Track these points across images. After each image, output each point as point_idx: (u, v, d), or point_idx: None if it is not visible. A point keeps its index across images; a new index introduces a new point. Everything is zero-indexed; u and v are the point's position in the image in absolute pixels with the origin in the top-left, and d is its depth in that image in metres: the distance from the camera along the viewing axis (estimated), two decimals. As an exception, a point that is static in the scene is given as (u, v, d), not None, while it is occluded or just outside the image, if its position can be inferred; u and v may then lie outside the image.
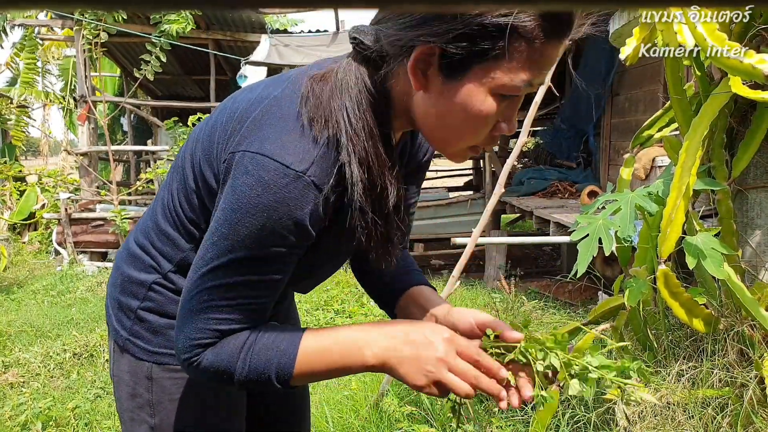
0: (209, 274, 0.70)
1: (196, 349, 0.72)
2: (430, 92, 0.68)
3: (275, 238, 0.68)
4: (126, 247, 0.93)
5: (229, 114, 0.76)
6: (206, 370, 0.72)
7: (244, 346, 0.71)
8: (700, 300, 1.55)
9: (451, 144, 0.73)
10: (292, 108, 0.70)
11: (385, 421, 2.01)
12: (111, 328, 0.92)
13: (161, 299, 0.87)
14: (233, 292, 0.70)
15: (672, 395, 1.53)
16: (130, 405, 0.90)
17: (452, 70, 0.65)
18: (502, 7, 0.74)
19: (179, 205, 0.82)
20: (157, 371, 0.88)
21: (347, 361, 0.71)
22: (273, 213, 0.66)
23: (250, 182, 0.67)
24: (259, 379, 0.71)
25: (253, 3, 0.21)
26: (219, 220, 0.70)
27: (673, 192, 1.47)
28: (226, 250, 0.69)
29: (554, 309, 3.75)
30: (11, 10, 0.20)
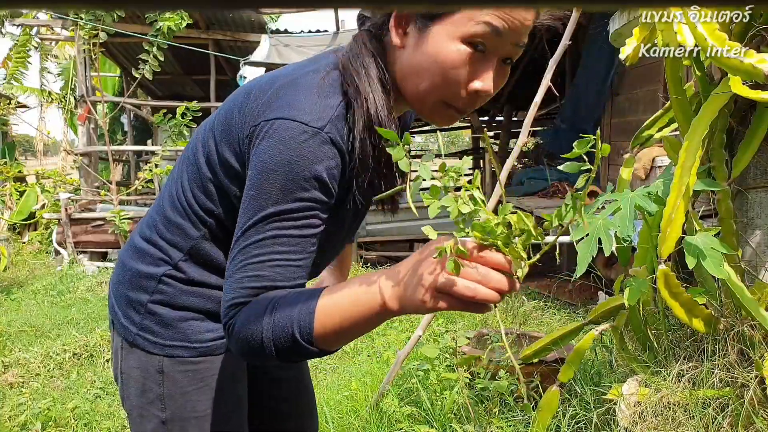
0: (242, 237, 0.73)
1: (231, 310, 0.72)
2: (408, 47, 0.75)
3: (299, 191, 0.71)
4: (131, 244, 0.94)
5: (243, 98, 0.80)
6: (239, 333, 0.71)
7: (270, 303, 0.70)
8: (700, 300, 1.55)
9: (425, 99, 0.77)
10: (309, 80, 0.76)
11: (385, 422, 2.01)
12: (118, 326, 0.92)
13: (172, 291, 0.88)
14: (263, 248, 0.72)
15: (672, 395, 1.53)
16: (139, 401, 0.91)
17: (424, 19, 0.72)
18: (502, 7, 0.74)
19: (192, 196, 0.85)
20: (168, 365, 0.89)
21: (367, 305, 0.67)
22: (294, 166, 0.71)
23: (271, 143, 0.72)
24: (283, 336, 0.68)
25: (253, 3, 0.21)
26: (248, 187, 0.74)
27: (673, 192, 1.46)
28: (255, 210, 0.72)
29: (554, 309, 3.75)
30: (11, 9, 0.20)
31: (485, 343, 2.33)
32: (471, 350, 2.25)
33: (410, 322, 3.43)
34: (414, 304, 0.65)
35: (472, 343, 2.41)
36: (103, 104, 6.11)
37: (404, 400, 2.11)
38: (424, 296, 0.63)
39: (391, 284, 0.67)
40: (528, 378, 2.07)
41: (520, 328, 2.65)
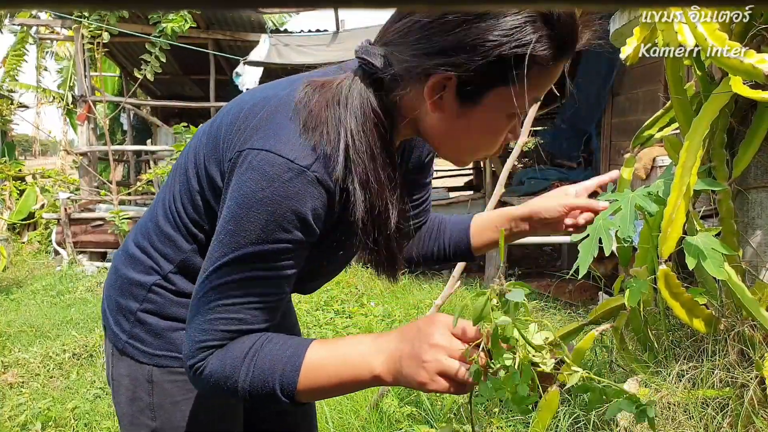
0: (216, 273, 0.69)
1: (202, 352, 0.70)
2: (445, 113, 0.69)
3: (280, 232, 0.67)
4: (124, 249, 0.92)
5: (234, 114, 0.76)
6: (210, 377, 0.70)
7: (250, 351, 0.68)
8: (701, 300, 1.55)
9: (464, 158, 0.78)
10: (298, 110, 0.71)
11: (385, 422, 2.00)
12: (109, 332, 0.91)
13: (161, 301, 0.86)
14: (240, 290, 0.69)
15: (672, 395, 1.53)
16: (129, 409, 0.89)
17: (469, 96, 0.67)
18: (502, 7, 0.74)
19: (182, 206, 0.82)
20: (157, 374, 0.87)
21: (355, 371, 0.68)
22: (277, 207, 0.67)
23: (254, 177, 0.67)
24: (263, 388, 0.68)
25: (253, 3, 0.21)
26: (225, 218, 0.70)
27: (674, 192, 1.46)
28: (232, 248, 0.68)
29: (554, 309, 3.75)
30: (11, 10, 0.20)
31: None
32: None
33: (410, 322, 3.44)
34: (410, 381, 0.65)
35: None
36: (104, 104, 6.11)
37: (404, 400, 2.11)
38: (424, 378, 0.64)
39: (386, 356, 0.67)
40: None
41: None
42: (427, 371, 0.64)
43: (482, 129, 0.71)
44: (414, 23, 0.65)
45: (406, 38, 0.66)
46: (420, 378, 0.64)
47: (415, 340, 0.66)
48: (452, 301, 3.55)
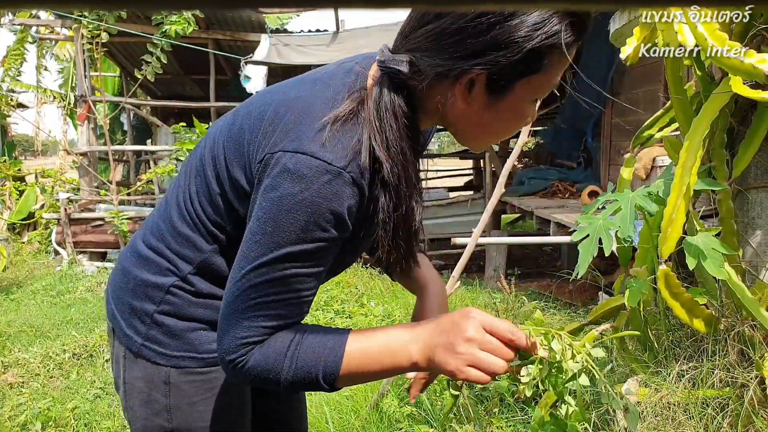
0: (254, 272, 0.71)
1: (244, 348, 0.72)
2: (474, 106, 0.73)
3: (318, 232, 0.70)
4: (134, 251, 0.90)
5: (257, 117, 0.77)
6: (252, 370, 0.72)
7: (291, 345, 0.72)
8: (701, 300, 1.55)
9: (486, 144, 0.82)
10: (326, 108, 0.72)
11: (385, 422, 2.00)
12: (121, 335, 0.89)
13: (180, 302, 0.86)
14: (279, 287, 0.71)
15: (672, 395, 1.53)
16: (144, 412, 0.88)
17: (499, 89, 0.71)
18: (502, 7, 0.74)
19: (200, 207, 0.83)
20: (175, 375, 0.87)
21: (394, 360, 0.72)
22: (316, 208, 0.69)
23: (292, 179, 0.69)
24: (306, 378, 0.72)
25: (253, 3, 0.21)
26: (261, 219, 0.71)
27: (674, 192, 1.46)
28: (271, 247, 0.70)
29: (555, 309, 3.75)
30: (11, 9, 0.20)
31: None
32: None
33: (410, 322, 3.44)
34: (442, 369, 0.71)
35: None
36: (104, 104, 6.11)
37: (404, 400, 2.11)
38: (454, 367, 0.70)
39: (423, 345, 0.72)
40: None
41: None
42: (460, 362, 0.70)
43: (510, 116, 0.75)
44: (443, 29, 0.68)
45: (436, 43, 0.69)
46: (451, 367, 0.70)
47: (451, 333, 0.71)
48: (452, 300, 3.55)
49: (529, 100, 0.73)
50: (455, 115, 0.75)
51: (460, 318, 0.71)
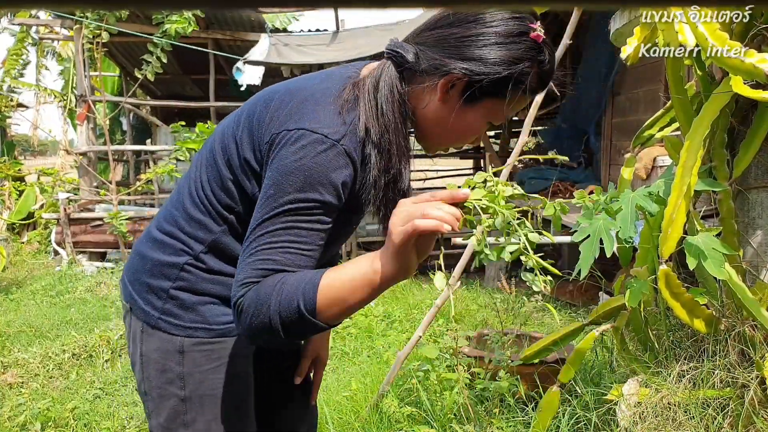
0: (259, 227, 0.82)
1: (242, 288, 0.81)
2: (446, 106, 0.87)
3: (313, 193, 0.82)
4: (150, 237, 1.01)
5: (264, 104, 0.90)
6: (248, 309, 0.80)
7: (277, 282, 0.80)
8: (701, 300, 1.54)
9: (440, 147, 0.97)
10: (327, 97, 0.86)
11: (385, 422, 2.00)
12: (138, 312, 0.98)
13: (193, 278, 0.96)
14: (276, 236, 0.81)
15: (673, 396, 1.53)
16: (159, 381, 0.97)
17: (470, 98, 0.86)
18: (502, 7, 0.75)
19: (212, 193, 0.94)
20: (188, 345, 0.96)
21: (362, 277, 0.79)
22: (312, 172, 0.81)
23: (293, 150, 0.82)
24: (289, 308, 0.78)
25: (253, 3, 0.21)
26: (267, 186, 0.83)
27: (674, 192, 1.46)
28: (273, 206, 0.82)
29: (555, 309, 3.75)
30: (11, 9, 0.20)
31: (485, 343, 2.33)
32: (471, 351, 2.24)
33: (410, 322, 3.43)
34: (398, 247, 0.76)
35: (472, 343, 2.41)
36: (104, 104, 6.11)
37: (404, 401, 2.11)
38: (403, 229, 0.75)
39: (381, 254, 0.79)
40: (528, 378, 2.06)
41: (521, 329, 2.65)
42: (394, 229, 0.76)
43: (469, 127, 0.90)
44: (450, 34, 0.84)
45: (442, 44, 0.85)
46: (392, 238, 0.76)
47: (391, 222, 0.78)
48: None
49: (485, 120, 0.90)
50: (428, 110, 0.89)
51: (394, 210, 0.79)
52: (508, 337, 2.28)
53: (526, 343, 2.37)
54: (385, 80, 0.86)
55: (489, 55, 0.83)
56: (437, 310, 2.11)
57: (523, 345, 2.36)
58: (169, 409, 0.97)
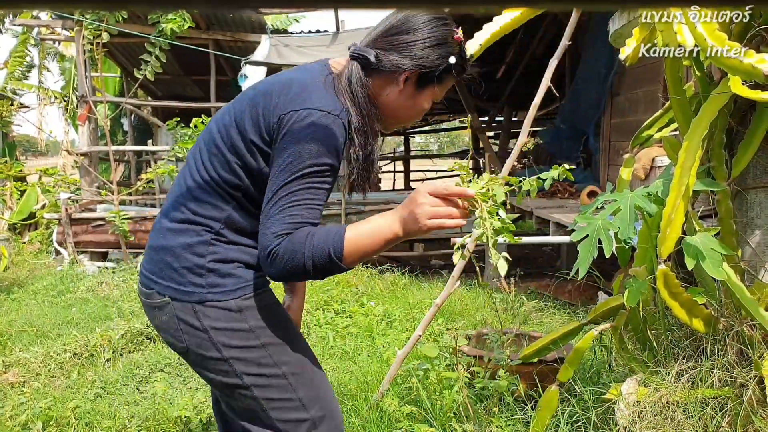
0: (283, 188, 1.01)
1: (276, 238, 1.00)
2: (404, 93, 1.14)
3: (325, 158, 1.02)
4: (164, 230, 1.13)
5: (265, 95, 1.08)
6: (283, 256, 0.99)
7: (308, 234, 1.00)
8: (700, 300, 1.55)
9: (399, 124, 1.24)
10: (318, 84, 1.08)
11: (385, 421, 2.01)
12: (183, 297, 1.09)
13: (221, 249, 1.11)
14: (299, 196, 1.01)
15: (672, 395, 1.53)
16: (235, 342, 1.09)
17: (422, 85, 1.15)
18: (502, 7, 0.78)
19: (218, 176, 1.10)
20: (241, 303, 1.11)
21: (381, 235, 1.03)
22: (322, 141, 1.02)
23: (304, 125, 1.02)
24: (321, 254, 0.99)
25: (253, 3, 0.22)
26: (284, 156, 1.02)
27: (673, 192, 1.47)
28: (293, 171, 1.01)
29: (554, 309, 3.75)
30: (11, 9, 0.20)
31: (485, 342, 2.33)
32: (471, 350, 2.25)
33: (410, 322, 3.44)
34: (415, 231, 1.03)
35: (472, 342, 2.41)
36: (104, 105, 6.12)
37: (404, 400, 2.12)
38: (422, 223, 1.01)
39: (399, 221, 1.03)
40: (527, 377, 2.07)
41: (520, 328, 2.65)
42: (421, 218, 1.01)
43: (419, 107, 1.18)
44: (404, 40, 1.10)
45: (397, 48, 1.11)
46: (418, 225, 1.01)
47: (410, 206, 1.02)
48: (452, 300, 3.55)
49: (430, 100, 1.18)
50: (389, 97, 1.14)
51: (414, 194, 1.03)
52: (507, 336, 2.29)
53: (525, 343, 2.37)
54: (355, 77, 1.09)
55: (432, 54, 1.10)
56: (437, 310, 2.12)
57: (522, 344, 2.36)
58: (257, 359, 1.11)
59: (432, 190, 1.02)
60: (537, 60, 7.82)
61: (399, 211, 1.04)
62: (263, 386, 1.11)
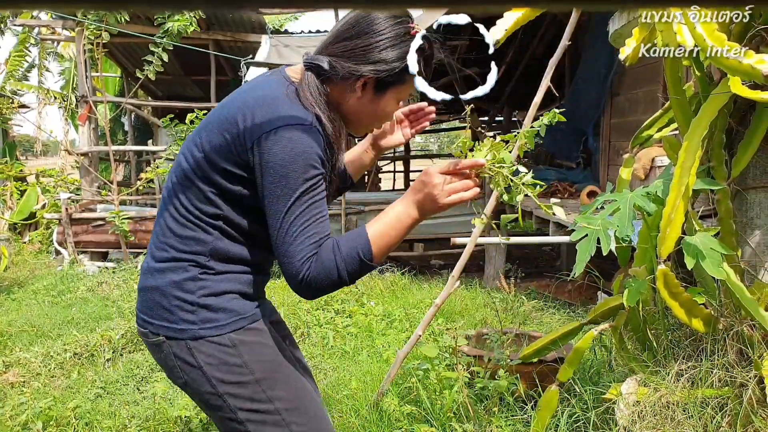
0: (287, 215, 1.00)
1: (306, 263, 1.00)
2: (364, 99, 1.12)
3: (313, 170, 1.02)
4: (151, 270, 1.11)
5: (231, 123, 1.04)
6: (317, 277, 1.00)
7: (333, 248, 1.01)
8: (700, 300, 1.55)
9: (367, 128, 1.23)
10: (281, 97, 1.05)
11: (385, 421, 2.01)
12: (176, 335, 1.07)
13: (210, 284, 1.08)
14: (308, 215, 1.01)
15: (671, 395, 1.53)
16: (229, 377, 1.07)
17: (382, 89, 1.11)
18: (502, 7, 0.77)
19: (196, 209, 1.08)
20: (235, 337, 1.08)
21: (402, 224, 1.05)
22: (305, 155, 1.00)
23: (282, 144, 1.00)
24: (353, 262, 1.01)
25: (253, 3, 0.22)
26: (274, 181, 1.00)
27: (673, 192, 1.47)
28: (290, 193, 1.00)
29: (554, 309, 3.75)
30: (11, 10, 0.20)
31: (485, 342, 2.34)
32: (471, 350, 2.25)
33: (410, 322, 3.44)
34: (435, 210, 1.05)
35: (472, 342, 2.41)
36: (105, 105, 6.12)
37: (404, 399, 2.12)
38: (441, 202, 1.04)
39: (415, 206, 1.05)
40: (527, 377, 2.07)
41: (520, 328, 2.65)
42: (440, 198, 1.03)
43: (385, 110, 1.15)
44: (357, 45, 1.07)
45: (352, 54, 1.08)
46: (438, 204, 1.04)
47: (425, 189, 1.04)
48: (452, 300, 3.55)
49: (395, 102, 1.15)
50: (350, 104, 1.12)
51: (424, 177, 1.05)
52: (507, 336, 2.29)
53: (525, 342, 2.38)
54: (313, 88, 1.08)
55: (388, 56, 1.08)
56: (437, 310, 2.12)
57: (522, 344, 2.36)
58: (251, 395, 1.09)
59: (442, 168, 1.04)
60: (537, 60, 7.81)
61: (412, 195, 1.05)
62: (257, 422, 1.10)
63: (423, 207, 1.04)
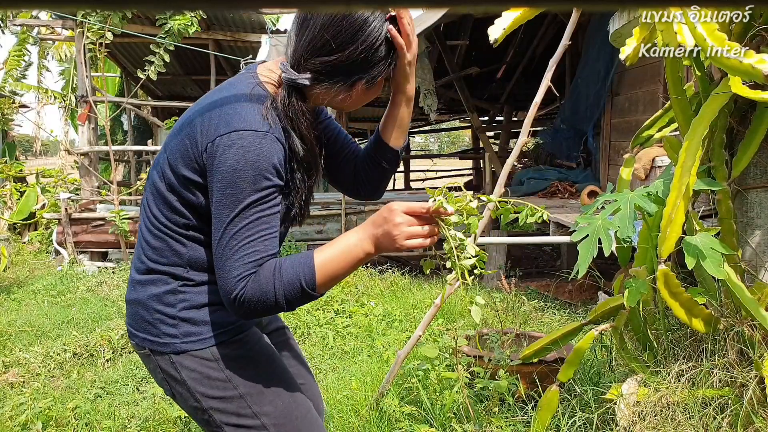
0: (230, 225, 0.94)
1: (241, 281, 0.93)
2: (354, 94, 1.06)
3: (265, 181, 0.94)
4: (133, 283, 1.09)
5: (189, 127, 1.00)
6: (252, 298, 0.93)
7: (274, 270, 0.94)
8: (700, 300, 1.55)
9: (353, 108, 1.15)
10: (242, 100, 0.98)
11: (385, 421, 2.01)
12: (160, 348, 1.05)
13: (190, 296, 1.05)
14: (252, 229, 0.94)
15: (672, 395, 1.53)
16: (212, 392, 1.05)
17: (371, 83, 1.06)
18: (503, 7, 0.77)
19: (167, 219, 1.04)
20: (217, 351, 1.05)
21: (352, 257, 0.98)
22: (257, 164, 0.93)
23: (234, 150, 0.93)
24: (293, 289, 0.94)
25: (253, 3, 0.22)
26: (221, 188, 0.94)
27: (673, 192, 1.47)
28: (235, 203, 0.93)
29: (554, 309, 3.75)
30: (11, 10, 0.20)
31: (485, 342, 2.33)
32: (471, 350, 2.25)
33: (410, 322, 3.44)
34: (390, 249, 0.99)
35: (472, 343, 2.41)
36: (105, 105, 6.11)
37: (404, 400, 2.12)
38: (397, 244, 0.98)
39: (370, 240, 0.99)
40: (527, 378, 2.07)
41: (520, 328, 2.65)
42: (398, 239, 0.97)
43: (371, 95, 1.10)
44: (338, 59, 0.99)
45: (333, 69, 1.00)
46: (395, 245, 0.98)
47: (385, 225, 0.98)
48: (452, 300, 3.55)
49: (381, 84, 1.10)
50: (339, 99, 1.05)
51: (387, 213, 0.99)
52: (507, 336, 2.29)
53: (525, 343, 2.37)
54: (293, 106, 1.01)
55: (369, 62, 1.03)
56: (437, 310, 2.11)
57: (523, 344, 2.36)
58: (236, 410, 1.06)
59: (407, 208, 0.98)
60: (537, 60, 7.82)
61: (369, 228, 0.99)
62: None
63: (379, 244, 0.98)
